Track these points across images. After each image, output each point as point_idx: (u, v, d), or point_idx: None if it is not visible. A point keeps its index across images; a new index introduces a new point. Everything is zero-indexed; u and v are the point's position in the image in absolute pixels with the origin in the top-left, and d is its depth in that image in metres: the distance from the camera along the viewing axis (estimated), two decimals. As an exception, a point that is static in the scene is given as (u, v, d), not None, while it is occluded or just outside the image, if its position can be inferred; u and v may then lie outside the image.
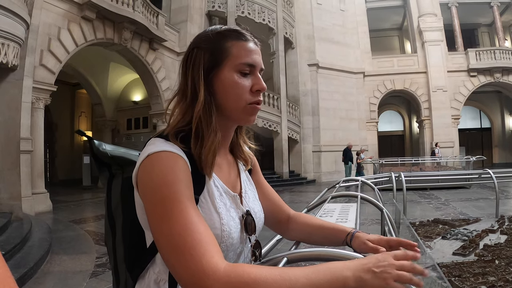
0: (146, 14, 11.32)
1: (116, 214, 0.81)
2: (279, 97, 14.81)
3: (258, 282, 0.58)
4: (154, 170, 0.69)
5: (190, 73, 0.80)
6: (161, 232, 0.65)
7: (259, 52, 0.84)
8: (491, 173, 6.35)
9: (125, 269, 0.78)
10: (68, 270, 4.18)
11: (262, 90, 0.83)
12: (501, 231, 4.91)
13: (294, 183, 14.46)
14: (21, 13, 7.00)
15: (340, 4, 18.48)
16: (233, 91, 0.79)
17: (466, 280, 3.13)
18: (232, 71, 0.79)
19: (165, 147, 0.72)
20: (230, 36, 0.82)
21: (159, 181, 0.68)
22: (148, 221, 0.69)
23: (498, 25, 19.44)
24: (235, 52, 0.80)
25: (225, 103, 0.81)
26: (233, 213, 0.80)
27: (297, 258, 0.79)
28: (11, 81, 7.49)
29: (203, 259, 0.60)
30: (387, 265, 0.61)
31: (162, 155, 0.70)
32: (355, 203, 2.04)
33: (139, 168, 0.72)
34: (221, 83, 0.80)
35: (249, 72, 0.81)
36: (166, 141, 0.74)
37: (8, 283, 0.33)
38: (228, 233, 0.75)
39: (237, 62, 0.79)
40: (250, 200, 0.89)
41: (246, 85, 0.80)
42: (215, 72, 0.80)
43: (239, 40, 0.82)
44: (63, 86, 15.19)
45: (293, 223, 1.02)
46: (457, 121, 18.35)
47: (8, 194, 7.31)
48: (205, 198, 0.76)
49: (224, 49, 0.80)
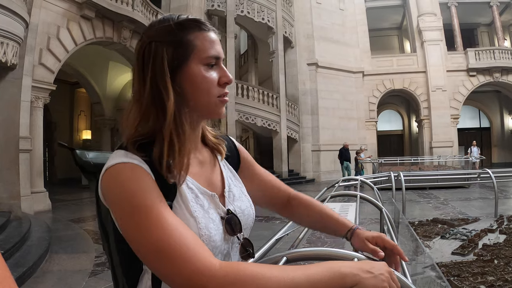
0: (145, 13, 11.31)
1: (106, 221, 0.77)
2: (278, 96, 14.80)
3: (257, 277, 0.57)
4: (116, 183, 0.66)
5: (149, 72, 0.73)
6: (141, 244, 0.62)
7: (219, 42, 0.80)
8: (490, 172, 6.37)
9: (121, 273, 0.76)
10: (67, 269, 4.18)
11: (229, 82, 0.79)
12: (500, 231, 4.92)
13: (293, 182, 14.42)
14: (20, 12, 6.99)
15: (339, 3, 18.46)
16: (203, 86, 0.75)
17: (465, 280, 3.14)
18: (199, 65, 0.75)
19: (122, 158, 0.68)
20: (192, 27, 0.76)
21: (124, 193, 0.65)
22: (124, 236, 0.66)
23: (498, 25, 19.45)
24: (200, 45, 0.75)
25: (195, 100, 0.76)
26: (213, 214, 0.76)
27: (296, 257, 0.79)
28: (10, 80, 7.49)
29: (194, 260, 0.59)
30: (384, 271, 0.62)
31: (119, 167, 0.67)
32: (354, 203, 2.05)
33: (101, 184, 0.69)
34: (189, 79, 0.75)
35: (215, 63, 0.77)
36: (126, 152, 0.70)
37: (8, 282, 0.33)
38: (208, 236, 0.72)
39: (203, 55, 0.75)
40: (236, 198, 0.85)
41: (214, 78, 0.77)
42: (181, 68, 0.74)
43: (201, 31, 0.77)
44: (62, 85, 15.16)
45: (293, 203, 1.02)
46: (456, 120, 18.37)
47: (7, 193, 7.31)
48: (178, 203, 0.72)
49: (188, 42, 0.75)
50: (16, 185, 7.43)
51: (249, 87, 14.25)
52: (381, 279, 0.60)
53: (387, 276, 0.61)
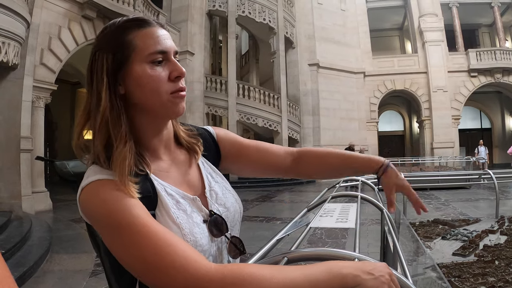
0: (146, 13, 11.32)
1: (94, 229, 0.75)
2: (279, 96, 14.81)
3: (255, 278, 0.56)
4: (93, 203, 0.65)
5: (94, 82, 0.72)
6: (132, 261, 0.61)
7: (168, 36, 0.76)
8: (491, 173, 6.36)
9: (114, 280, 0.75)
10: (68, 269, 4.18)
11: (181, 75, 0.74)
12: (501, 232, 4.91)
13: (294, 182, 14.42)
14: (22, 12, 7.00)
15: (340, 4, 18.48)
16: (150, 86, 0.71)
17: (466, 281, 3.13)
18: (143, 64, 0.71)
19: (95, 176, 0.67)
20: (130, 27, 0.73)
21: (103, 212, 0.63)
22: (113, 254, 0.65)
23: (499, 26, 19.43)
24: (140, 43, 0.72)
25: (145, 101, 0.73)
26: (197, 218, 0.75)
27: (297, 257, 0.79)
28: (12, 80, 7.50)
29: (188, 267, 0.58)
30: (384, 273, 0.61)
31: (94, 186, 0.66)
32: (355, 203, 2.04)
33: (79, 205, 0.67)
34: (135, 81, 0.71)
35: (162, 59, 0.73)
36: (100, 168, 0.68)
37: (8, 282, 0.33)
38: (194, 242, 0.71)
39: (145, 53, 0.71)
40: (219, 196, 0.84)
41: (162, 75, 0.73)
42: (123, 71, 0.72)
43: (141, 29, 0.73)
44: (64, 85, 15.18)
45: (303, 161, 1.00)
46: (457, 121, 18.36)
47: (8, 193, 7.32)
48: (160, 211, 0.71)
49: (127, 43, 0.72)
50: (17, 184, 7.43)
51: (250, 87, 14.27)
52: (382, 281, 0.59)
53: (387, 278, 0.60)
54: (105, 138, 0.70)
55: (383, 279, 0.60)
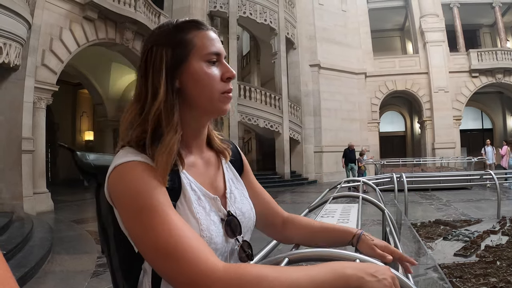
0: (148, 14, 11.34)
1: (107, 223, 0.78)
2: (280, 97, 14.80)
3: (261, 278, 0.57)
4: (123, 181, 0.67)
5: (150, 74, 0.75)
6: (147, 244, 0.63)
7: (219, 40, 0.82)
8: (493, 174, 6.35)
9: (121, 276, 0.76)
10: (69, 270, 4.19)
11: (232, 77, 0.80)
12: (503, 232, 4.91)
13: (295, 183, 14.43)
14: (23, 13, 7.02)
15: (341, 5, 18.47)
16: (205, 82, 0.76)
17: (467, 281, 3.13)
18: (200, 62, 0.76)
19: (130, 157, 0.69)
20: (190, 27, 0.78)
21: (131, 192, 0.65)
22: (129, 235, 0.67)
23: (500, 26, 19.41)
24: (199, 43, 0.77)
25: (198, 96, 0.77)
26: (214, 216, 0.77)
27: (298, 258, 0.79)
28: (13, 81, 7.52)
29: (198, 261, 0.59)
30: (387, 276, 0.62)
31: (128, 165, 0.68)
32: (356, 204, 2.04)
33: (108, 183, 0.69)
34: (191, 77, 0.76)
35: (216, 60, 0.79)
36: (134, 150, 0.71)
37: (9, 283, 0.33)
38: (209, 238, 0.72)
39: (203, 52, 0.77)
40: (237, 200, 0.86)
41: (217, 74, 0.78)
42: (182, 67, 0.76)
43: (199, 30, 0.78)
44: (65, 86, 15.18)
45: (290, 225, 0.98)
46: (459, 122, 18.34)
47: (9, 194, 7.34)
48: (182, 203, 0.73)
49: (188, 41, 0.77)
50: (18, 185, 7.45)
51: (251, 88, 14.27)
52: (384, 284, 0.60)
53: (390, 282, 0.61)
54: (152, 129, 0.73)
55: (385, 282, 0.60)
